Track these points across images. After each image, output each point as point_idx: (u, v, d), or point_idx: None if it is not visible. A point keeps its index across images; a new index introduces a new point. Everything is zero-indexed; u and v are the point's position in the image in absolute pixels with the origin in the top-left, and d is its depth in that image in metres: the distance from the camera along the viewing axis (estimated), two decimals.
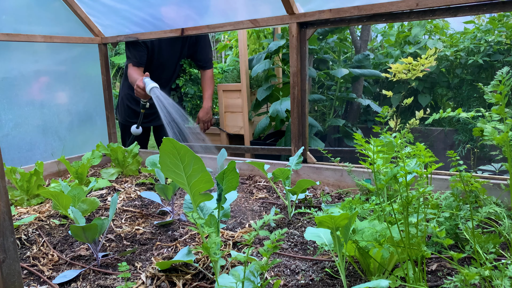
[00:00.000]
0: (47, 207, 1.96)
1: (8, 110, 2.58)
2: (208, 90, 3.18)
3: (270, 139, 3.59)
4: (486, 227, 1.43)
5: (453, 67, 4.33)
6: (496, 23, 4.06)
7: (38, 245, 1.55)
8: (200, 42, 3.11)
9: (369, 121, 4.79)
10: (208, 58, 3.17)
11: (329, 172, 2.10)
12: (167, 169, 1.14)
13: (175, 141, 1.08)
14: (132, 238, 1.60)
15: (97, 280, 1.27)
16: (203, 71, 3.18)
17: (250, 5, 2.23)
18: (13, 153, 2.62)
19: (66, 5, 2.72)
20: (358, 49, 4.30)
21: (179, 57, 3.12)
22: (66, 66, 2.90)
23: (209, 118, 3.23)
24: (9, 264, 0.88)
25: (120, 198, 2.08)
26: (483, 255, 1.04)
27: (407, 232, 1.00)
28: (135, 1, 2.49)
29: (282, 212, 1.79)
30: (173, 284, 1.22)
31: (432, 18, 1.78)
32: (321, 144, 3.17)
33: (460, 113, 1.22)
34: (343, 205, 1.21)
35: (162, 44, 2.97)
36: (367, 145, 1.06)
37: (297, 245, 1.45)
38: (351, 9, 1.89)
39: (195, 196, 1.20)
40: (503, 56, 3.96)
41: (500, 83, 1.08)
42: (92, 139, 3.02)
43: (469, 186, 1.34)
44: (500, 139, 1.06)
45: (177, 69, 3.18)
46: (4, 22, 2.48)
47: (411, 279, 1.03)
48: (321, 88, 4.32)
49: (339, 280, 1.19)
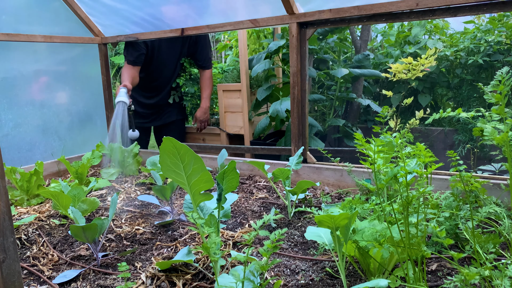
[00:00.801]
0: (47, 207, 1.96)
1: (8, 110, 2.58)
2: (207, 90, 3.19)
3: (270, 139, 3.59)
4: (486, 227, 1.43)
5: (453, 67, 4.33)
6: (496, 23, 4.06)
7: (38, 245, 1.55)
8: (200, 42, 3.11)
9: (369, 121, 4.79)
10: (207, 58, 3.18)
11: (329, 172, 2.10)
12: (167, 168, 1.14)
13: (176, 141, 1.08)
14: (132, 238, 1.60)
15: (97, 280, 1.27)
16: (202, 70, 3.19)
17: (250, 5, 2.23)
18: (13, 153, 2.62)
19: (66, 5, 2.72)
20: (358, 49, 4.30)
21: (179, 56, 3.13)
22: (66, 66, 2.90)
23: (206, 118, 3.25)
24: (9, 264, 0.88)
25: (120, 198, 2.08)
26: (483, 255, 1.04)
27: (407, 232, 1.00)
28: (135, 1, 2.49)
29: (282, 212, 1.79)
30: (173, 284, 1.22)
31: (432, 18, 1.78)
32: (321, 144, 3.17)
33: (460, 113, 1.22)
34: (343, 205, 1.21)
35: (162, 43, 2.97)
36: (368, 145, 1.06)
37: (297, 245, 1.45)
38: (351, 9, 1.89)
39: (195, 195, 1.20)
40: (503, 56, 3.96)
41: (500, 83, 1.08)
42: (92, 139, 3.02)
43: (469, 186, 1.34)
44: (500, 139, 1.06)
45: (177, 68, 3.18)
46: (4, 22, 2.48)
47: (411, 279, 1.03)
48: (321, 88, 4.32)
49: (339, 280, 1.19)
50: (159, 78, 3.13)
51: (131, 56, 2.87)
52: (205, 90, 3.20)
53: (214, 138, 3.64)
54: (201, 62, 3.16)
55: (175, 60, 3.12)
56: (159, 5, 2.48)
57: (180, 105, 3.33)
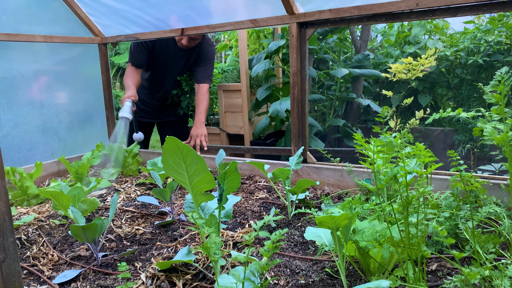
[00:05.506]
0: (47, 207, 1.96)
1: (7, 110, 2.58)
2: (201, 104, 2.94)
3: (270, 139, 3.59)
4: (486, 227, 1.43)
5: (453, 67, 4.34)
6: (496, 23, 4.06)
7: (38, 245, 1.55)
8: (203, 55, 2.99)
9: (369, 121, 4.80)
10: (207, 74, 3.00)
11: (329, 172, 2.10)
12: (169, 168, 1.14)
13: (178, 140, 1.08)
14: (132, 238, 1.60)
15: (97, 280, 1.27)
16: (198, 85, 2.98)
17: (250, 5, 2.23)
18: (13, 153, 2.62)
19: (66, 5, 2.72)
20: (358, 49, 4.30)
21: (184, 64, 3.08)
22: (66, 66, 2.90)
23: (201, 132, 2.90)
24: (9, 264, 0.88)
25: (120, 198, 2.08)
26: (483, 255, 1.04)
27: (407, 232, 1.00)
28: (135, 1, 2.49)
29: (282, 212, 1.79)
30: (173, 284, 1.22)
31: (432, 18, 1.78)
32: (321, 144, 3.17)
33: (460, 113, 1.22)
34: (343, 205, 1.21)
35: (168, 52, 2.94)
36: (367, 145, 1.06)
37: (297, 245, 1.45)
38: (351, 9, 1.89)
39: (197, 195, 1.20)
40: (503, 56, 3.96)
41: (500, 83, 1.08)
42: (92, 139, 3.02)
43: (469, 186, 1.34)
44: (500, 139, 1.06)
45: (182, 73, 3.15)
46: (4, 22, 2.48)
47: (411, 279, 1.03)
48: (321, 88, 4.32)
49: (339, 280, 1.19)
50: (162, 85, 3.12)
51: (133, 58, 2.89)
52: (200, 104, 2.95)
53: (214, 138, 3.64)
54: (199, 76, 2.98)
55: (179, 71, 3.08)
56: (159, 5, 2.48)
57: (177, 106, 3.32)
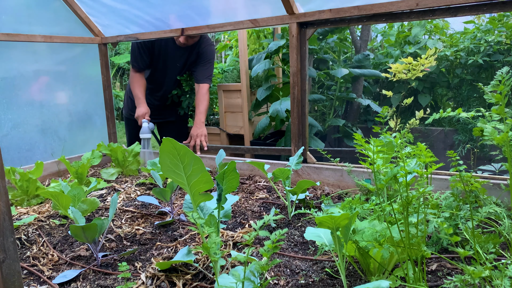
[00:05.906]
0: (47, 207, 1.96)
1: (7, 110, 2.58)
2: (201, 105, 2.94)
3: (270, 139, 3.59)
4: (486, 227, 1.43)
5: (453, 67, 4.33)
6: (496, 23, 4.06)
7: (38, 245, 1.55)
8: (203, 54, 2.99)
9: (369, 121, 4.79)
10: (207, 74, 3.00)
11: (329, 172, 2.09)
12: (167, 169, 1.14)
13: (175, 141, 1.08)
14: (132, 238, 1.60)
15: (97, 280, 1.27)
16: (198, 85, 2.98)
17: (250, 5, 2.23)
18: (12, 153, 2.62)
19: (66, 5, 2.72)
20: (358, 49, 4.30)
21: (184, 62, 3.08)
22: (66, 66, 2.90)
23: (201, 132, 2.90)
24: (9, 264, 0.88)
25: (120, 198, 2.08)
26: (483, 255, 1.04)
27: (407, 232, 1.00)
28: (135, 1, 2.49)
29: (282, 212, 1.78)
30: (173, 284, 1.22)
31: (432, 18, 1.78)
32: (321, 144, 3.17)
33: (460, 113, 1.22)
34: (343, 205, 1.21)
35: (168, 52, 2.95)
36: (367, 145, 1.06)
37: (297, 245, 1.45)
38: (351, 9, 1.89)
39: (195, 196, 1.20)
40: (503, 56, 3.96)
41: (500, 83, 1.08)
42: (92, 139, 3.02)
43: (469, 186, 1.34)
44: (500, 139, 1.06)
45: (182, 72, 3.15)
46: (4, 22, 2.48)
47: (411, 279, 1.03)
48: (321, 88, 4.32)
49: (339, 280, 1.19)
50: (162, 79, 3.12)
51: (135, 62, 2.90)
52: (200, 104, 2.95)
53: (214, 138, 3.64)
54: (199, 76, 2.98)
55: (179, 70, 3.09)
56: (159, 5, 2.48)
57: (177, 105, 3.32)
